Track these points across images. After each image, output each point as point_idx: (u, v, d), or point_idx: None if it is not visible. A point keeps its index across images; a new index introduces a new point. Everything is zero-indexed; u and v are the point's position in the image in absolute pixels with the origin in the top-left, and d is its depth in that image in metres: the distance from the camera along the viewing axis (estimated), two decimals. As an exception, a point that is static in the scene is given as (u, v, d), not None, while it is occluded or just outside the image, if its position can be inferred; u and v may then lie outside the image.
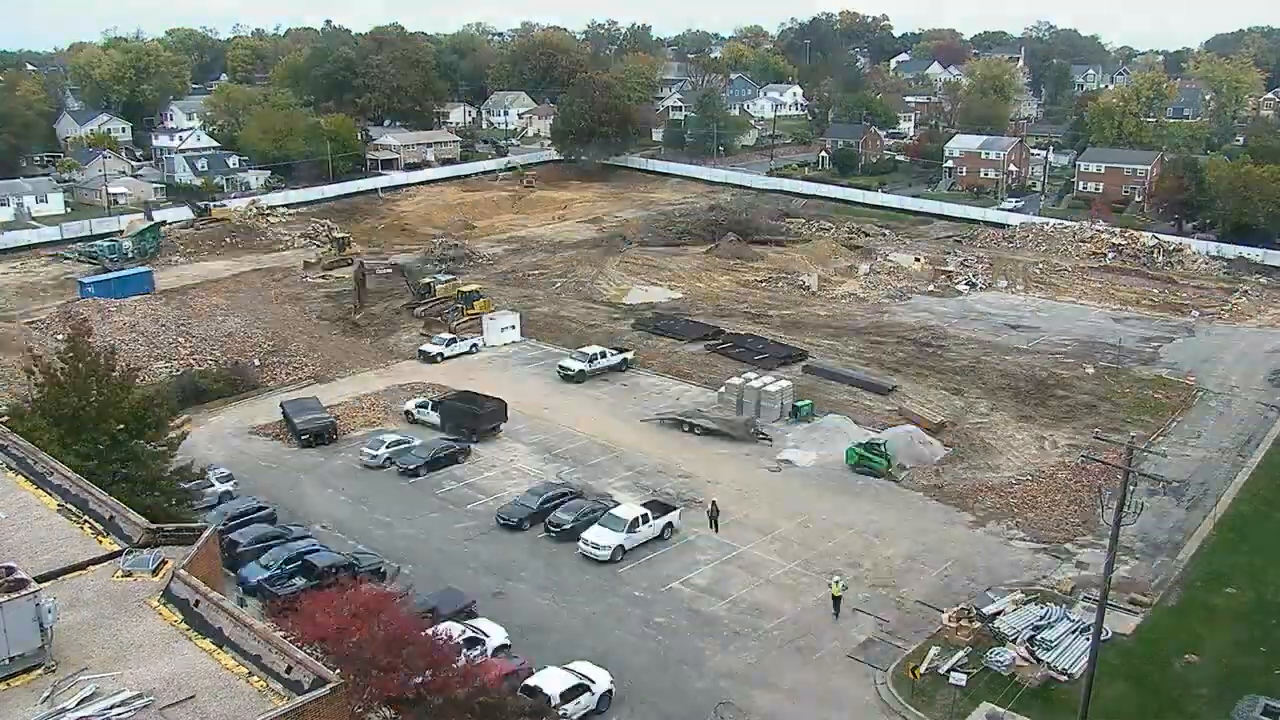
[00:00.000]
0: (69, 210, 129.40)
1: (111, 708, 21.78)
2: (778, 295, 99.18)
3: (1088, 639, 41.16)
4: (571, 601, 46.86)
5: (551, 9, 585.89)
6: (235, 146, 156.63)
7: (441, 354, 79.51)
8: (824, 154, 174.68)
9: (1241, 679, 40.96)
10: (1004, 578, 49.04)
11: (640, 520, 51.12)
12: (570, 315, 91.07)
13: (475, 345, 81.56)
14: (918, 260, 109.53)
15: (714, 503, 54.59)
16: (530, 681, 38.29)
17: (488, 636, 41.40)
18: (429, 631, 34.57)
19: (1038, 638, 42.89)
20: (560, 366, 75.92)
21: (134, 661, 23.50)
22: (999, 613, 44.98)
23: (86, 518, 29.90)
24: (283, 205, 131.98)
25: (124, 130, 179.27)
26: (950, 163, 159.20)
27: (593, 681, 39.15)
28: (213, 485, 54.15)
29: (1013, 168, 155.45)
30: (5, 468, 33.00)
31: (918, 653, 42.73)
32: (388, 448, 60.79)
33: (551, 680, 38.49)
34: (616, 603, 46.92)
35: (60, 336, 68.82)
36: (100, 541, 28.86)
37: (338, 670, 24.32)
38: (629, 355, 78.00)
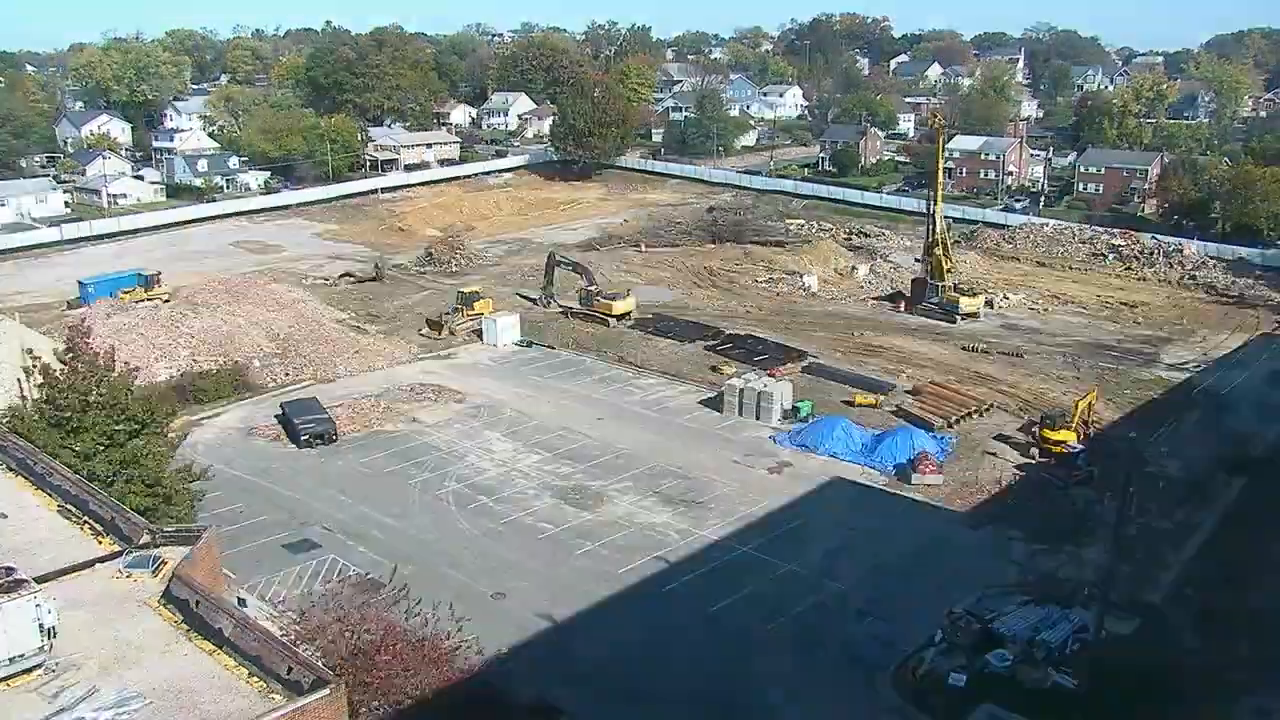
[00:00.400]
0: (69, 211, 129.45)
1: (111, 707, 21.77)
2: (778, 296, 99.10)
3: (1088, 639, 41.27)
4: (572, 601, 46.88)
5: (552, 10, 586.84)
6: (235, 147, 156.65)
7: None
8: (823, 155, 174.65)
9: (1241, 679, 40.88)
10: (1004, 578, 49.01)
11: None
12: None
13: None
14: (918, 261, 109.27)
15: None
16: None
17: None
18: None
19: (1037, 639, 42.82)
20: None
21: (134, 661, 23.50)
22: (999, 614, 44.91)
23: (86, 518, 29.91)
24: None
25: (124, 131, 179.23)
26: (950, 163, 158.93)
27: None
28: None
29: (1013, 168, 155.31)
30: (5, 468, 33.01)
31: (917, 653, 42.71)
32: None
33: None
34: (617, 602, 46.92)
35: (60, 336, 68.66)
36: (100, 542, 28.87)
37: (337, 671, 24.33)
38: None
